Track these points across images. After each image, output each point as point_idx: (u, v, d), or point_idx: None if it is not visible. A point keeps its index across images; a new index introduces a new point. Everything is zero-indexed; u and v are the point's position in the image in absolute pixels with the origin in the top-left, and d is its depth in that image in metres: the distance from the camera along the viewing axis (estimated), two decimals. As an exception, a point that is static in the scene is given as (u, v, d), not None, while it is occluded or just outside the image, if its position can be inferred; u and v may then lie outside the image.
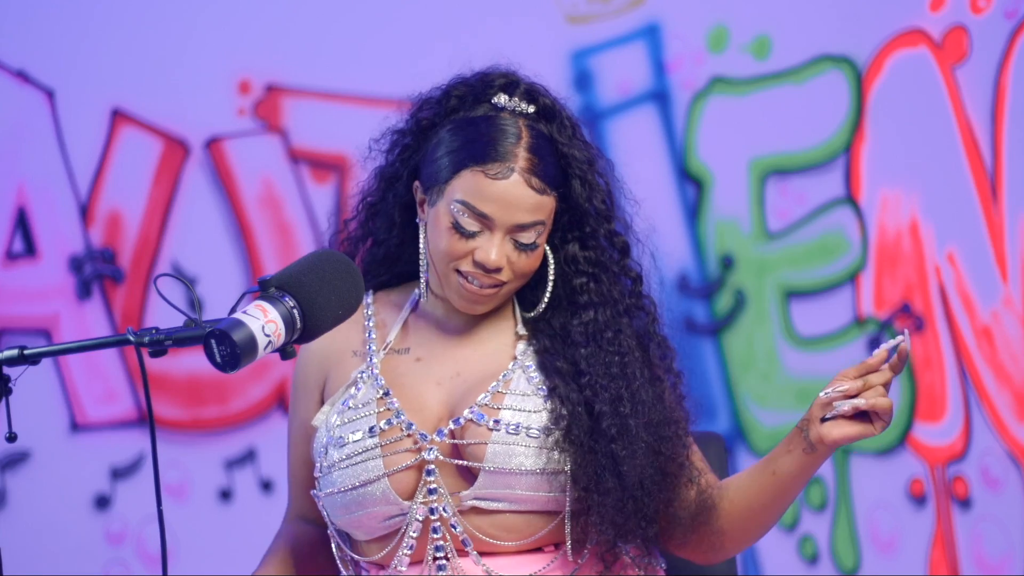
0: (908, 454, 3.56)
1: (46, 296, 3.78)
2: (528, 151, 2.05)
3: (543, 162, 2.05)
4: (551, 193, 2.06)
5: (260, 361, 1.78)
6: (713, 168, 3.67)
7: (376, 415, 2.07)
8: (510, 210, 2.02)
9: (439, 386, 2.10)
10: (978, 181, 3.49)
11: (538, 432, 2.03)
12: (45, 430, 3.75)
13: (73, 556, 3.75)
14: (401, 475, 2.04)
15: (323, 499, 2.10)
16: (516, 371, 2.08)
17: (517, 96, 2.09)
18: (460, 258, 2.04)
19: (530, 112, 2.08)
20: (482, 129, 2.06)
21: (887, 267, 3.58)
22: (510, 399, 2.05)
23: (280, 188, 3.78)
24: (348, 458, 2.05)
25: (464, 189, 2.03)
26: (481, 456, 2.02)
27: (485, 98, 2.10)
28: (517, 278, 2.08)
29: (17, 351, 1.73)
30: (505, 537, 2.05)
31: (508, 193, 2.02)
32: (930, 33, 3.51)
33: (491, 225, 2.03)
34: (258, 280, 1.81)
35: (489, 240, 2.03)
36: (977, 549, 3.51)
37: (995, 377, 3.48)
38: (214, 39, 3.75)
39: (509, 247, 2.04)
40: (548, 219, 2.07)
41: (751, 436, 3.65)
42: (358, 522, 2.08)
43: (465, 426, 2.05)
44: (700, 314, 3.68)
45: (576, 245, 2.12)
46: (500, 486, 2.02)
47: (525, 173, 2.03)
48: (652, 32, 3.68)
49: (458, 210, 2.03)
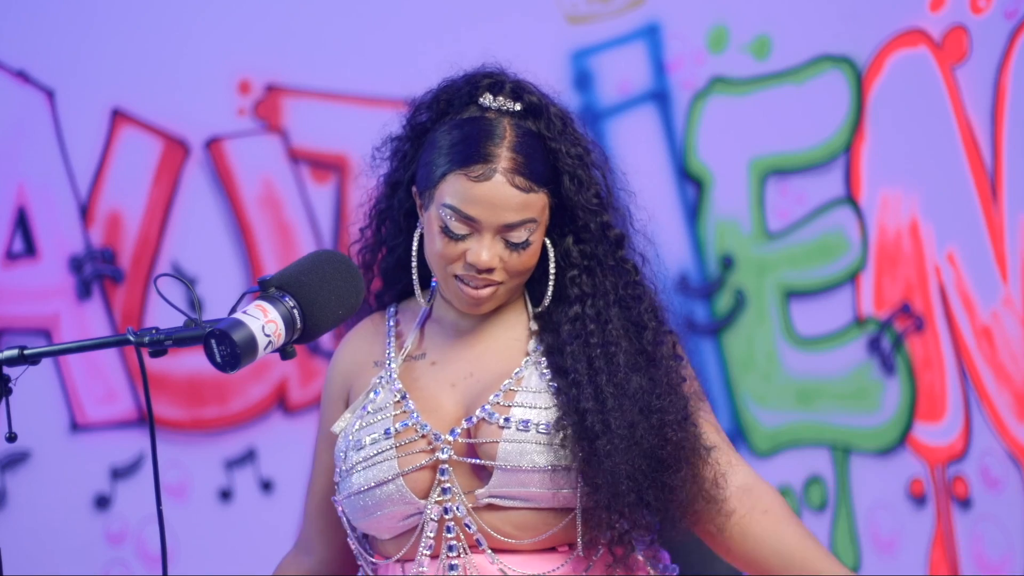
0: (908, 454, 3.56)
1: (46, 296, 3.78)
2: (512, 150, 2.05)
3: (529, 160, 2.05)
4: (539, 190, 2.06)
5: (260, 361, 1.78)
6: (713, 168, 3.67)
7: (392, 417, 2.09)
8: (496, 211, 2.03)
9: (454, 387, 2.12)
10: (978, 181, 3.49)
11: (548, 428, 2.04)
12: (45, 430, 3.75)
13: (73, 556, 3.75)
14: (416, 475, 2.06)
15: (343, 503, 2.12)
16: (529, 367, 2.10)
17: (503, 95, 2.10)
18: (453, 261, 2.06)
19: (516, 110, 2.09)
20: (467, 131, 2.07)
21: (887, 267, 3.58)
22: (521, 396, 2.06)
23: (280, 188, 3.78)
24: (365, 460, 2.08)
25: (450, 193, 2.04)
26: (494, 454, 2.03)
27: (472, 99, 2.11)
28: (513, 276, 2.08)
29: (17, 351, 1.74)
30: (519, 535, 2.06)
31: (492, 194, 2.03)
32: (930, 33, 3.51)
33: (479, 227, 2.04)
34: (258, 280, 1.81)
35: (479, 242, 2.04)
36: (977, 549, 3.51)
37: (995, 377, 3.48)
38: (214, 39, 3.75)
39: (500, 247, 2.05)
40: (540, 215, 2.07)
41: (751, 436, 3.65)
42: (377, 523, 2.10)
43: (478, 425, 2.06)
44: (700, 314, 3.68)
45: (571, 239, 2.12)
46: (514, 484, 2.03)
47: (508, 173, 2.04)
48: (652, 32, 3.68)
49: (446, 214, 2.04)
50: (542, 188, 2.07)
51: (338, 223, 3.77)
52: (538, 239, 2.09)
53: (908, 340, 3.54)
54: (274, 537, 3.82)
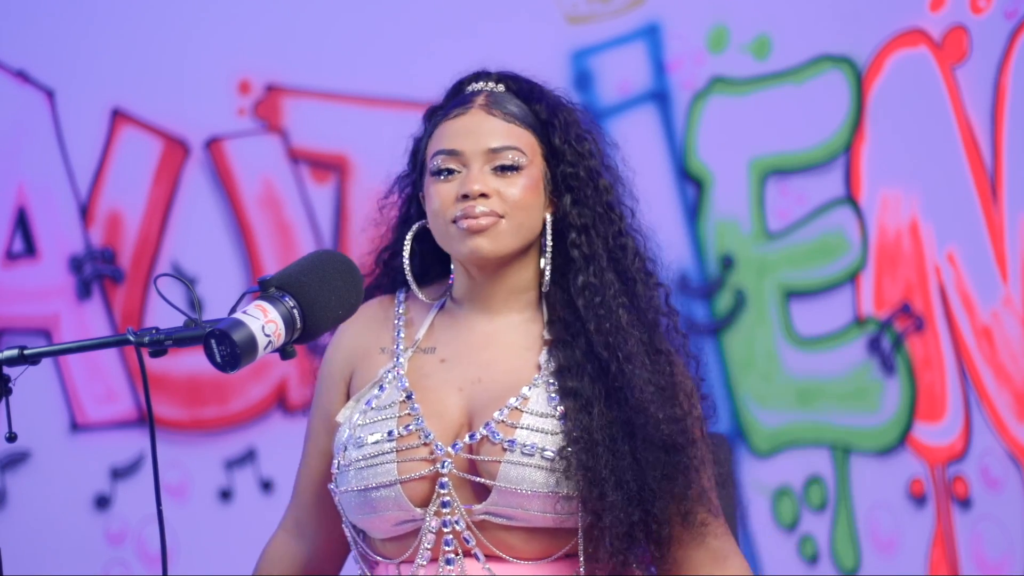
0: (908, 454, 3.56)
1: (46, 296, 3.78)
2: (487, 96, 2.13)
3: (507, 103, 2.12)
4: (520, 124, 2.11)
5: (260, 361, 1.78)
6: (713, 168, 3.67)
7: (396, 419, 2.08)
8: (476, 137, 2.09)
9: (460, 392, 2.10)
10: (978, 181, 3.49)
11: (553, 455, 2.03)
12: (45, 430, 3.75)
13: (73, 556, 3.75)
14: (415, 483, 2.05)
15: (339, 495, 2.11)
16: (539, 385, 2.09)
17: (486, 80, 2.17)
18: (450, 205, 2.07)
19: (499, 89, 2.15)
20: (449, 104, 2.16)
21: (887, 267, 3.58)
22: (527, 418, 2.05)
23: (280, 188, 3.78)
24: (364, 459, 2.07)
25: (435, 142, 2.11)
26: (494, 474, 2.02)
27: (460, 89, 2.18)
28: (513, 210, 2.08)
29: (17, 351, 1.73)
30: (516, 552, 2.05)
31: (471, 123, 2.10)
32: (930, 33, 3.51)
33: (465, 160, 2.08)
34: (258, 280, 1.81)
35: (468, 174, 2.08)
36: (977, 549, 3.51)
37: (995, 377, 3.48)
38: (214, 39, 3.75)
39: (490, 176, 2.08)
40: (528, 150, 2.10)
41: (751, 436, 3.65)
42: (371, 523, 2.09)
43: (480, 442, 2.05)
44: (700, 314, 3.68)
45: (568, 198, 2.13)
46: (512, 504, 2.03)
47: (485, 107, 2.11)
48: (652, 32, 3.68)
49: (435, 162, 2.10)
50: (523, 126, 2.11)
51: (338, 223, 3.77)
52: (531, 175, 2.10)
53: (908, 340, 3.54)
54: (274, 537, 3.83)
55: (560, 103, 2.16)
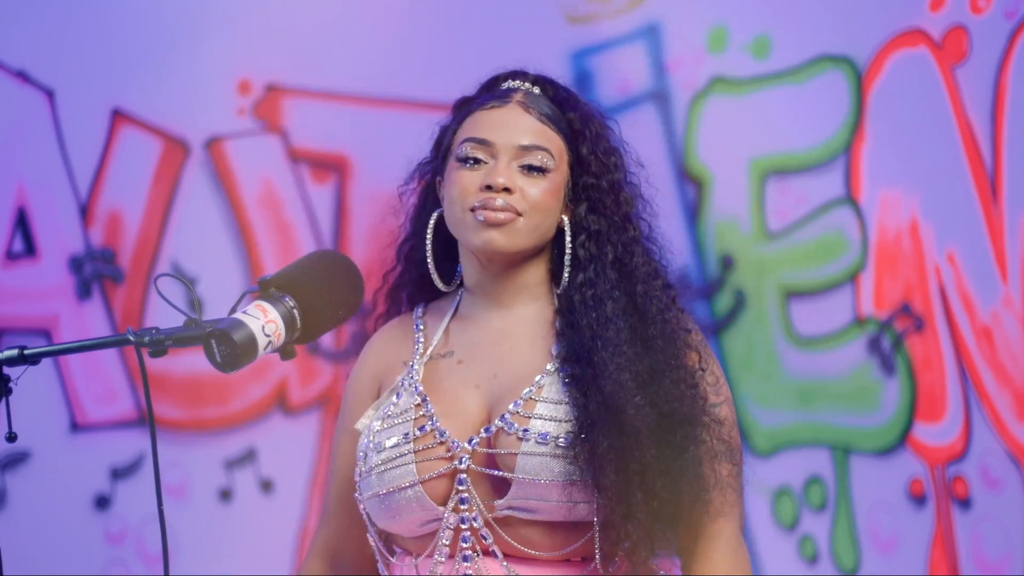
0: (908, 454, 3.56)
1: (46, 296, 3.78)
2: (525, 94, 2.15)
3: (543, 105, 2.15)
4: (553, 129, 2.13)
5: (260, 361, 1.79)
6: (713, 168, 3.67)
7: (412, 421, 2.09)
8: (509, 131, 2.10)
9: (478, 388, 2.11)
10: (978, 181, 3.49)
11: (567, 442, 2.03)
12: (45, 430, 3.75)
13: (73, 556, 3.75)
14: (435, 482, 2.06)
15: (364, 502, 2.12)
16: (553, 374, 2.09)
17: (523, 79, 2.19)
18: (471, 193, 2.08)
19: (535, 91, 2.17)
20: (483, 96, 2.17)
21: (887, 267, 3.58)
22: (541, 407, 2.06)
23: (280, 188, 3.78)
24: (384, 463, 2.08)
25: (466, 129, 2.12)
26: (512, 466, 2.03)
27: (497, 85, 2.20)
28: (532, 210, 2.09)
29: (17, 351, 1.74)
30: (536, 548, 2.05)
31: (507, 117, 2.12)
32: (930, 33, 3.51)
33: (494, 151, 2.09)
34: (258, 280, 1.82)
35: (494, 166, 2.08)
36: (977, 549, 3.51)
37: (995, 377, 3.48)
38: (214, 39, 3.75)
39: (516, 173, 2.09)
40: (556, 153, 2.12)
41: (751, 436, 3.65)
42: (397, 526, 2.10)
43: (497, 434, 2.06)
44: (700, 314, 3.68)
45: (585, 205, 2.15)
46: (532, 496, 2.03)
47: (521, 104, 2.13)
48: (652, 32, 3.68)
49: (464, 148, 2.11)
50: (556, 130, 2.13)
51: (338, 223, 3.77)
52: (555, 180, 2.11)
53: (908, 340, 3.54)
54: (274, 537, 3.83)
55: (593, 115, 2.20)
